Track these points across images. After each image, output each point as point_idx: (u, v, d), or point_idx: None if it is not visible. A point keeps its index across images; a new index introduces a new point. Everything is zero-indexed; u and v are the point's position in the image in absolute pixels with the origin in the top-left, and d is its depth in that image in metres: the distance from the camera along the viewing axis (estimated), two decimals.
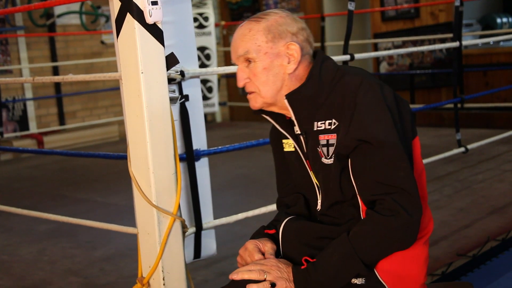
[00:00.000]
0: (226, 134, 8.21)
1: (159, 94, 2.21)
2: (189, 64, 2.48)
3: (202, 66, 7.54)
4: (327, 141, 1.64)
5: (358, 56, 3.67)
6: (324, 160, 1.65)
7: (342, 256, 1.56)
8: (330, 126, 1.64)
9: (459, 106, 4.64)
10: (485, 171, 4.98)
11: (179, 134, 2.44)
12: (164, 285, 2.27)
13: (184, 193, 2.46)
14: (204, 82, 7.72)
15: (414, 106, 6.81)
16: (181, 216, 2.32)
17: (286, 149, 1.80)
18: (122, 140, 8.02)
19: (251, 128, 8.49)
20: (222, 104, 9.20)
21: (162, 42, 2.20)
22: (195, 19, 7.60)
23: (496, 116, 7.27)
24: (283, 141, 1.80)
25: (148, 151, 2.20)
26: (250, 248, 1.73)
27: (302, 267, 1.60)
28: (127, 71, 2.21)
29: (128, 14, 2.14)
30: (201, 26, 7.74)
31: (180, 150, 2.42)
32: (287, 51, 1.67)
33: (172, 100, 2.35)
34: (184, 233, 2.35)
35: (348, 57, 3.59)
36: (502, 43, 7.27)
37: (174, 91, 2.43)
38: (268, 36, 1.66)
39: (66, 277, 3.35)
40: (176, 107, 2.43)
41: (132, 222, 2.48)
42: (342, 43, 3.73)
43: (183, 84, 2.46)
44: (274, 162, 1.89)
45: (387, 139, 1.56)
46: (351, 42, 3.79)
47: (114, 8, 2.19)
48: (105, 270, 3.41)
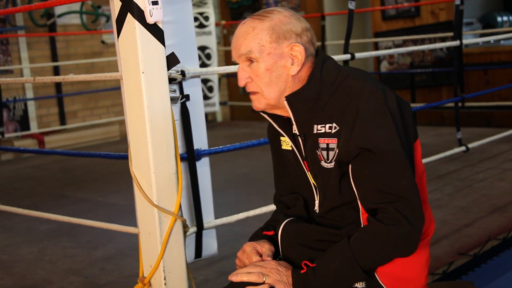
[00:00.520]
0: (227, 134, 8.20)
1: (160, 94, 2.21)
2: (189, 63, 2.48)
3: (203, 65, 7.53)
4: (327, 145, 1.62)
5: (358, 55, 3.67)
6: (323, 164, 1.63)
7: (342, 262, 1.55)
8: (330, 130, 1.61)
9: (460, 105, 4.64)
10: (486, 170, 4.97)
11: (180, 133, 2.44)
12: (165, 284, 2.27)
13: (185, 192, 2.46)
14: (204, 81, 7.71)
15: (415, 105, 6.81)
16: (182, 215, 2.33)
17: (284, 146, 1.78)
18: (123, 140, 8.02)
19: (252, 127, 8.48)
20: (222, 103, 9.20)
21: (162, 42, 2.20)
22: (196, 19, 7.59)
23: (496, 114, 7.27)
24: (281, 138, 1.78)
25: (149, 151, 2.20)
26: (248, 250, 1.72)
27: (302, 271, 1.59)
28: (128, 71, 2.21)
29: (128, 14, 2.14)
30: (201, 26, 7.73)
31: (181, 150, 2.41)
32: (291, 52, 1.63)
33: (173, 100, 2.35)
34: (185, 232, 2.35)
35: (348, 56, 3.59)
36: (502, 42, 7.26)
37: (174, 91, 2.43)
38: (272, 36, 1.62)
39: (66, 276, 3.35)
40: (177, 107, 2.43)
41: (133, 222, 2.48)
42: (343, 42, 3.73)
43: (184, 83, 2.46)
44: (271, 157, 1.87)
45: (390, 148, 1.54)
46: (352, 41, 3.78)
47: (115, 8, 2.19)
48: (106, 269, 3.41)
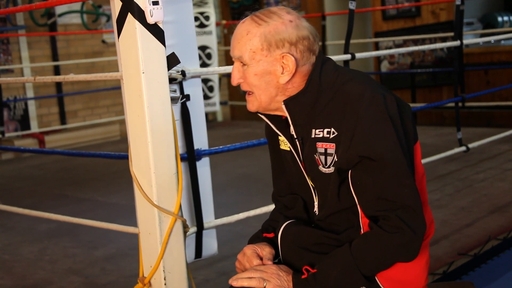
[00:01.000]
0: (227, 134, 8.20)
1: (160, 94, 2.21)
2: (190, 63, 2.48)
3: (203, 65, 7.52)
4: (325, 150, 1.60)
5: (359, 55, 3.66)
6: (321, 168, 1.62)
7: (343, 268, 1.55)
8: (328, 135, 1.60)
9: (460, 105, 4.64)
10: (486, 170, 4.97)
11: (180, 133, 2.45)
12: (165, 284, 2.27)
13: (185, 192, 2.46)
14: (205, 81, 7.71)
15: (415, 105, 6.81)
16: (182, 215, 2.33)
17: (282, 146, 1.77)
18: (123, 139, 8.02)
19: (252, 127, 8.48)
20: (223, 103, 9.20)
21: (163, 42, 2.20)
22: (196, 18, 7.58)
23: (497, 114, 7.26)
24: (279, 138, 1.77)
25: (149, 151, 2.20)
26: (248, 253, 1.72)
27: (303, 277, 1.59)
28: (128, 71, 2.21)
29: (129, 14, 2.14)
30: (202, 25, 7.73)
31: (181, 150, 2.41)
32: (282, 61, 1.60)
33: (173, 99, 2.35)
34: (185, 232, 2.35)
35: (349, 56, 3.59)
36: (503, 42, 7.26)
37: (175, 91, 2.43)
38: (263, 44, 1.59)
39: (67, 276, 3.35)
40: (177, 107, 2.43)
41: (133, 222, 2.48)
42: (343, 42, 3.73)
43: (184, 83, 2.46)
44: (269, 156, 1.87)
45: (391, 156, 1.53)
46: (352, 41, 3.78)
47: (115, 8, 2.19)
48: (106, 269, 3.41)
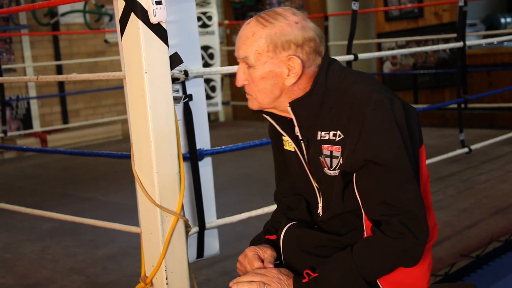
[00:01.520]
0: (230, 134, 8.20)
1: (163, 94, 2.21)
2: (192, 63, 2.48)
3: (206, 65, 7.52)
4: (331, 152, 1.60)
5: (361, 56, 3.66)
6: (327, 171, 1.62)
7: (345, 273, 1.55)
8: (334, 138, 1.59)
9: (463, 106, 4.63)
10: (488, 172, 4.97)
11: (183, 133, 2.45)
12: (167, 284, 2.27)
13: (187, 192, 2.46)
14: (207, 81, 7.71)
15: (418, 106, 6.79)
16: (184, 215, 2.33)
17: (286, 147, 1.76)
18: (126, 139, 8.02)
19: (255, 127, 8.48)
20: (225, 103, 9.20)
21: (166, 41, 2.20)
22: (199, 18, 7.59)
23: (499, 116, 7.25)
24: (283, 138, 1.75)
25: (151, 151, 2.20)
26: (250, 255, 1.72)
27: (304, 281, 1.59)
28: (131, 71, 2.22)
29: (132, 13, 2.14)
30: (204, 25, 7.73)
31: (183, 150, 2.42)
32: (288, 63, 1.58)
33: (175, 99, 2.35)
34: (187, 232, 2.35)
35: (351, 57, 3.59)
36: (506, 43, 7.25)
37: (177, 91, 2.43)
38: (269, 45, 1.57)
39: (69, 275, 3.35)
40: (179, 107, 2.44)
41: (135, 221, 2.48)
42: (346, 43, 3.73)
43: (187, 83, 2.47)
44: (273, 155, 1.86)
45: (396, 161, 1.52)
46: (355, 42, 3.78)
47: (118, 7, 2.19)
48: (108, 269, 3.41)
